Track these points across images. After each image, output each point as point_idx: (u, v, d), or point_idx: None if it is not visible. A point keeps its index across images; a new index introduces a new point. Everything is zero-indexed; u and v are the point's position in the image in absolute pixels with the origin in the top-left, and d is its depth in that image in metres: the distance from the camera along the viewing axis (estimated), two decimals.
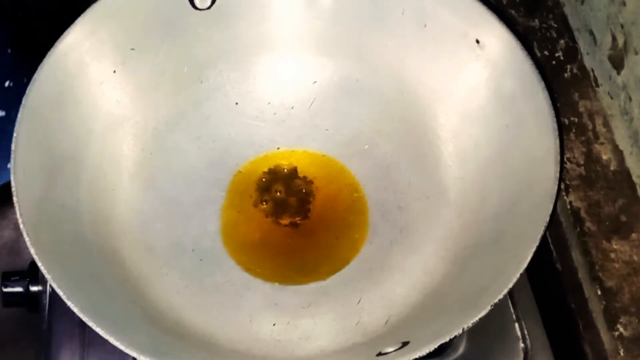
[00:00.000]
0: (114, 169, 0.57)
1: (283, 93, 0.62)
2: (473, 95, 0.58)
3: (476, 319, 0.46)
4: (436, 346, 0.45)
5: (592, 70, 0.62)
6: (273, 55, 0.62)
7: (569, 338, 0.57)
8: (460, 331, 0.46)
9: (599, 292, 0.54)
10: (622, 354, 0.52)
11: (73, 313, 0.46)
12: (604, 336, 0.53)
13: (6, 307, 0.58)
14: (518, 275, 0.47)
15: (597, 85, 0.61)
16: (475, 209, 0.56)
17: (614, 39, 0.58)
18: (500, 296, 0.47)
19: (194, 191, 0.59)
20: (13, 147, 0.51)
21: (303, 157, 0.61)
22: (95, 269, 0.51)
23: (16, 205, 0.49)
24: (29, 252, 0.47)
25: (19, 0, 0.73)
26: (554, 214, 0.50)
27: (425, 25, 0.59)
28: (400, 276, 0.55)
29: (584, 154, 0.59)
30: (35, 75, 0.53)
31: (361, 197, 0.59)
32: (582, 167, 0.59)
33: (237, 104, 0.62)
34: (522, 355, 0.55)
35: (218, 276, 0.56)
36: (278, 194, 0.60)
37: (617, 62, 0.58)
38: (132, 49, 0.58)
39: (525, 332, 0.55)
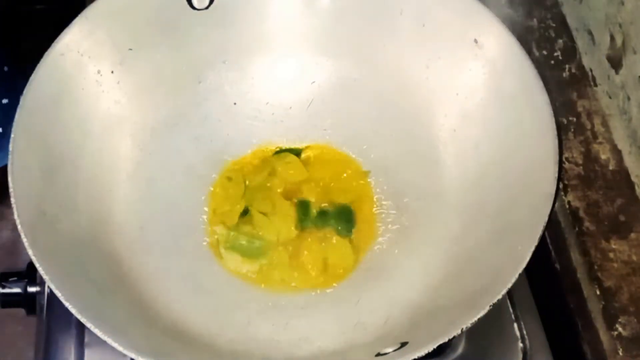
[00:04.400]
0: (111, 170, 0.57)
1: (281, 93, 0.62)
2: (472, 95, 0.58)
3: (475, 319, 0.46)
4: (435, 346, 0.45)
5: (591, 70, 0.62)
6: (271, 55, 0.62)
7: (568, 338, 0.57)
8: (459, 331, 0.46)
9: (598, 292, 0.54)
10: (620, 353, 0.52)
11: (71, 314, 0.46)
12: (603, 336, 0.53)
13: (4, 308, 0.58)
14: (517, 275, 0.47)
15: (596, 85, 0.61)
16: (475, 208, 0.56)
17: (612, 38, 0.58)
18: (499, 296, 0.47)
19: (192, 191, 0.59)
20: (10, 148, 0.50)
21: (302, 156, 0.61)
22: (94, 270, 0.51)
23: (14, 206, 0.49)
24: (27, 253, 0.47)
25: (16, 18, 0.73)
26: (552, 214, 0.50)
27: (423, 25, 0.59)
28: (400, 276, 0.55)
29: (582, 154, 0.59)
30: (33, 76, 0.53)
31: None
32: (581, 167, 0.59)
33: (235, 104, 0.62)
34: (521, 355, 0.54)
35: (216, 277, 0.56)
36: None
37: (616, 62, 0.58)
38: (130, 49, 0.58)
39: (524, 332, 0.55)
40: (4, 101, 0.71)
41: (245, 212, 0.58)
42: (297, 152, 0.61)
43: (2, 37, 0.76)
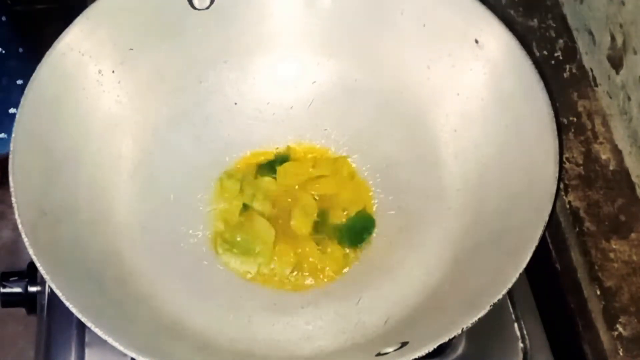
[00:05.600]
0: (112, 169, 0.57)
1: (282, 93, 0.62)
2: (472, 95, 0.58)
3: (475, 319, 0.46)
4: (435, 346, 0.45)
5: (591, 70, 0.62)
6: (272, 55, 0.62)
7: (569, 338, 0.57)
8: (460, 331, 0.46)
9: (598, 292, 0.54)
10: (621, 353, 0.52)
11: (72, 313, 0.46)
12: (603, 336, 0.53)
13: (5, 308, 0.58)
14: (517, 275, 0.47)
15: (596, 85, 0.61)
16: (475, 208, 0.56)
17: (612, 38, 0.58)
18: (500, 296, 0.47)
19: (193, 191, 0.59)
20: (12, 147, 0.51)
21: (302, 155, 0.61)
22: (94, 269, 0.51)
23: (15, 205, 0.49)
24: (28, 253, 0.47)
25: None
26: (553, 214, 0.50)
27: (424, 25, 0.59)
28: (400, 276, 0.55)
29: (583, 154, 0.59)
30: (34, 76, 0.53)
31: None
32: (581, 167, 0.59)
33: (236, 104, 0.62)
34: (521, 355, 0.54)
35: (217, 276, 0.56)
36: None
37: (616, 62, 0.58)
38: (131, 49, 0.58)
39: (525, 332, 0.55)
40: (19, 82, 0.72)
41: (245, 212, 0.58)
42: (284, 159, 0.61)
43: (18, 20, 0.77)
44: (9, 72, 0.72)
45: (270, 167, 0.60)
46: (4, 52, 0.72)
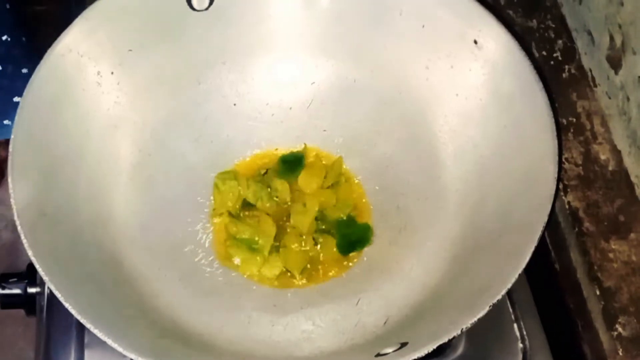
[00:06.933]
0: (111, 171, 0.57)
1: (281, 94, 0.62)
2: (471, 95, 0.58)
3: (475, 319, 0.46)
4: (435, 347, 0.45)
5: (590, 71, 0.62)
6: (271, 55, 0.62)
7: (568, 338, 0.57)
8: (459, 331, 0.46)
9: (598, 292, 0.54)
10: (620, 353, 0.52)
11: (71, 315, 0.46)
12: (603, 336, 0.53)
13: (4, 309, 0.58)
14: (517, 275, 0.47)
15: (595, 85, 0.61)
16: (474, 209, 0.56)
17: (611, 39, 0.58)
18: (499, 296, 0.47)
19: (192, 192, 0.59)
20: (10, 148, 0.51)
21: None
22: (93, 270, 0.51)
23: (14, 206, 0.49)
24: (27, 254, 0.47)
25: None
26: (552, 214, 0.50)
27: (423, 26, 0.59)
28: (399, 277, 0.55)
29: (582, 154, 0.59)
30: (33, 77, 0.53)
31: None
32: (581, 167, 0.59)
33: (235, 105, 0.62)
34: (521, 355, 0.55)
35: (216, 277, 0.56)
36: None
37: (615, 62, 0.58)
38: (130, 50, 0.58)
39: (524, 332, 0.55)
40: (24, 70, 0.71)
41: (245, 212, 0.58)
42: (297, 157, 0.60)
43: (19, 12, 0.77)
44: (14, 60, 0.72)
45: (287, 166, 0.60)
46: (9, 39, 0.72)
